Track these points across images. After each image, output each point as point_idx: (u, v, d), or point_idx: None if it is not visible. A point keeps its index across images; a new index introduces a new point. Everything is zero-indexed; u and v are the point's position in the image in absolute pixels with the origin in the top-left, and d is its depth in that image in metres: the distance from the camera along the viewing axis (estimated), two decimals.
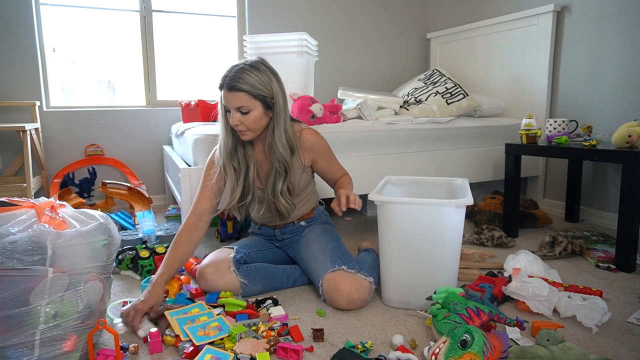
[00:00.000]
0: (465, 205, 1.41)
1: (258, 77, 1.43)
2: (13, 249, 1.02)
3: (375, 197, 1.45)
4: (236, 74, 1.42)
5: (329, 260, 1.52)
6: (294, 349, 1.18)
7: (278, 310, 1.40)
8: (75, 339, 1.10)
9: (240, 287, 1.55)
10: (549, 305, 1.41)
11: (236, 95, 1.41)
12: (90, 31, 3.04)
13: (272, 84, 1.46)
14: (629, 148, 1.83)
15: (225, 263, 1.58)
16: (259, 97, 1.43)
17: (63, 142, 2.91)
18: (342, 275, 1.46)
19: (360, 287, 1.45)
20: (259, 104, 1.44)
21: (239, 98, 1.41)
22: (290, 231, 1.72)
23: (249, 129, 1.47)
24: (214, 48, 3.34)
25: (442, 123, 2.53)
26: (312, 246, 1.62)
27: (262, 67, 1.46)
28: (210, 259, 1.61)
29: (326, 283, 1.47)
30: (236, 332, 1.24)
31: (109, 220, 1.23)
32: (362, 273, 1.49)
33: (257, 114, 1.45)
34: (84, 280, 1.12)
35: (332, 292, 1.45)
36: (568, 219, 2.55)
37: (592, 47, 2.49)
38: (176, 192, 2.21)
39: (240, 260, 1.60)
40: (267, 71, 1.46)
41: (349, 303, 1.44)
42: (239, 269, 1.57)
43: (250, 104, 1.43)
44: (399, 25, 3.71)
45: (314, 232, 1.67)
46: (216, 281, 1.55)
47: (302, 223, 1.72)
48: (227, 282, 1.55)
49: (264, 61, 1.50)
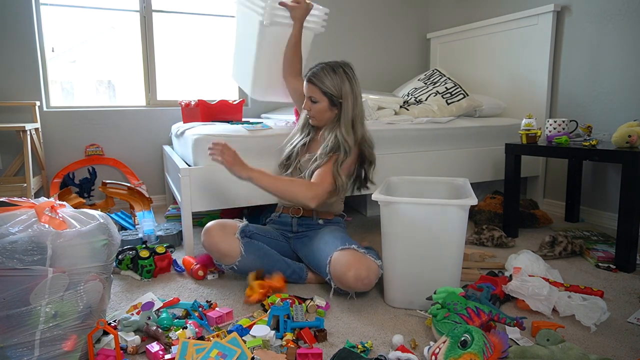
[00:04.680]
0: (469, 206, 1.41)
1: (332, 77, 1.68)
2: (13, 248, 1.02)
3: (379, 197, 1.45)
4: (316, 70, 1.71)
5: (339, 241, 1.57)
6: (315, 353, 1.17)
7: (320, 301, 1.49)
8: (75, 338, 1.10)
9: (239, 256, 1.59)
10: (549, 305, 1.41)
11: (310, 87, 1.71)
12: (90, 31, 3.04)
13: (344, 87, 1.69)
14: (629, 148, 1.83)
15: (232, 228, 1.65)
16: (327, 93, 1.69)
17: (63, 142, 2.91)
18: (353, 253, 1.50)
19: (369, 267, 1.47)
20: (325, 99, 1.70)
21: (311, 89, 1.71)
22: (306, 224, 1.79)
23: (314, 116, 1.75)
24: (214, 48, 3.34)
25: (442, 123, 2.53)
26: (323, 235, 1.69)
27: (339, 70, 1.70)
28: (219, 221, 1.68)
29: (335, 260, 1.50)
30: (251, 345, 1.21)
31: (109, 220, 1.23)
32: (371, 254, 1.52)
33: (322, 106, 1.72)
34: (84, 280, 1.12)
35: (341, 268, 1.47)
36: (568, 219, 2.55)
37: (592, 47, 2.49)
38: (176, 192, 2.21)
39: (246, 232, 1.66)
40: (342, 75, 1.70)
41: (357, 280, 1.45)
42: (243, 239, 1.62)
43: (318, 96, 1.70)
44: (399, 25, 3.71)
45: (327, 228, 1.75)
46: (220, 240, 1.60)
47: (320, 221, 1.79)
48: (229, 245, 1.60)
49: (346, 65, 1.73)
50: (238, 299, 1.57)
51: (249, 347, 1.20)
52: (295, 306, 1.38)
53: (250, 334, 1.27)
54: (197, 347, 1.15)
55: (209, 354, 1.12)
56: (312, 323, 1.33)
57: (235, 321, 1.41)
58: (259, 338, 1.24)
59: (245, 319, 1.38)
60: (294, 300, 1.47)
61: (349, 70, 1.72)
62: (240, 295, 1.60)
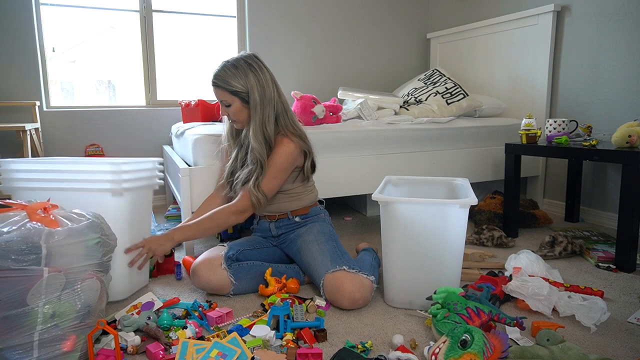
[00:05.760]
0: (469, 206, 1.41)
1: (233, 73, 1.54)
2: (7, 248, 1.01)
3: (379, 197, 1.45)
4: (218, 71, 1.56)
5: (329, 260, 1.52)
6: (315, 353, 1.16)
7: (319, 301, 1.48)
8: (74, 339, 1.09)
9: (231, 285, 1.55)
10: (549, 305, 1.41)
11: (217, 90, 1.58)
12: (90, 31, 3.04)
13: (248, 80, 1.55)
14: (629, 148, 1.83)
15: (217, 260, 1.57)
16: (233, 92, 1.56)
17: (63, 142, 2.91)
18: (344, 275, 1.46)
19: (362, 287, 1.45)
20: (236, 99, 1.57)
21: (219, 93, 1.58)
22: (285, 226, 1.73)
23: (235, 120, 1.63)
24: (214, 48, 3.34)
25: (442, 123, 2.53)
26: (310, 247, 1.61)
27: (240, 63, 1.55)
28: (204, 257, 1.60)
29: (327, 284, 1.47)
30: (251, 345, 1.21)
31: (102, 219, 1.22)
32: (363, 272, 1.49)
33: (236, 108, 1.58)
34: (81, 278, 1.11)
35: (334, 293, 1.45)
36: (568, 219, 2.55)
37: (592, 47, 2.49)
38: (176, 192, 2.21)
39: (232, 257, 1.60)
40: (245, 67, 1.55)
41: (352, 303, 1.44)
42: (230, 267, 1.57)
43: (228, 98, 1.57)
44: (399, 25, 3.71)
45: (312, 233, 1.66)
46: (208, 278, 1.54)
47: (297, 219, 1.72)
48: (219, 280, 1.54)
49: (248, 57, 1.58)
50: (238, 299, 1.57)
51: (249, 347, 1.20)
52: (295, 306, 1.38)
53: (250, 334, 1.26)
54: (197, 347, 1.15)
55: (209, 354, 1.11)
56: (312, 323, 1.32)
57: (235, 321, 1.41)
58: (259, 338, 1.24)
59: (245, 319, 1.38)
60: (294, 300, 1.47)
61: (252, 60, 1.57)
62: (241, 295, 1.59)
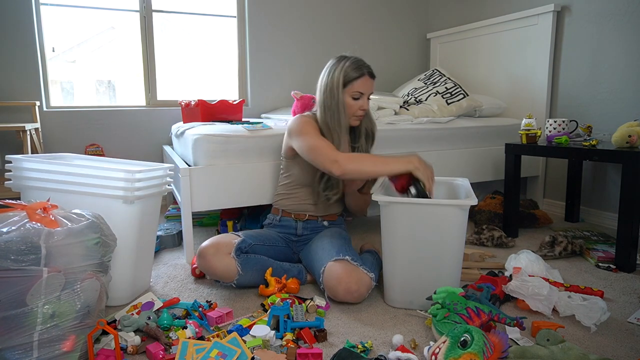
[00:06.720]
0: (469, 206, 1.41)
1: None
2: (6, 248, 1.02)
3: (379, 198, 1.45)
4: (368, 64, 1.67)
5: (335, 250, 1.56)
6: (315, 353, 1.16)
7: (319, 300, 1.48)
8: (74, 339, 1.09)
9: (236, 275, 1.56)
10: (549, 305, 1.41)
11: (371, 82, 1.67)
12: (90, 31, 3.04)
13: None
14: (629, 148, 1.83)
15: (227, 247, 1.58)
16: None
17: (63, 142, 2.90)
18: (345, 265, 1.48)
19: (360, 280, 1.46)
20: None
21: (372, 85, 1.67)
22: (311, 228, 1.80)
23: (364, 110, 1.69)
24: (214, 48, 3.34)
25: (442, 123, 2.53)
26: (323, 239, 1.68)
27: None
28: (213, 240, 1.60)
29: (328, 271, 1.49)
30: (251, 345, 1.21)
31: (102, 219, 1.22)
32: (364, 267, 1.51)
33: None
34: (80, 278, 1.11)
35: (332, 280, 1.47)
36: (568, 219, 2.55)
37: (592, 47, 2.49)
38: (176, 192, 2.20)
39: (242, 248, 1.61)
40: None
41: (347, 293, 1.45)
42: (239, 257, 1.58)
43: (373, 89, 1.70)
44: (399, 25, 3.71)
45: (329, 231, 1.75)
46: (214, 263, 1.54)
47: (325, 223, 1.81)
48: (225, 266, 1.55)
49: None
50: (238, 299, 1.57)
51: (249, 347, 1.20)
52: (295, 306, 1.38)
53: (250, 334, 1.27)
54: (197, 347, 1.15)
55: (209, 354, 1.11)
56: (312, 323, 1.32)
57: (235, 321, 1.41)
58: (259, 338, 1.24)
59: (245, 319, 1.38)
60: (294, 300, 1.47)
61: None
62: (241, 296, 1.59)
